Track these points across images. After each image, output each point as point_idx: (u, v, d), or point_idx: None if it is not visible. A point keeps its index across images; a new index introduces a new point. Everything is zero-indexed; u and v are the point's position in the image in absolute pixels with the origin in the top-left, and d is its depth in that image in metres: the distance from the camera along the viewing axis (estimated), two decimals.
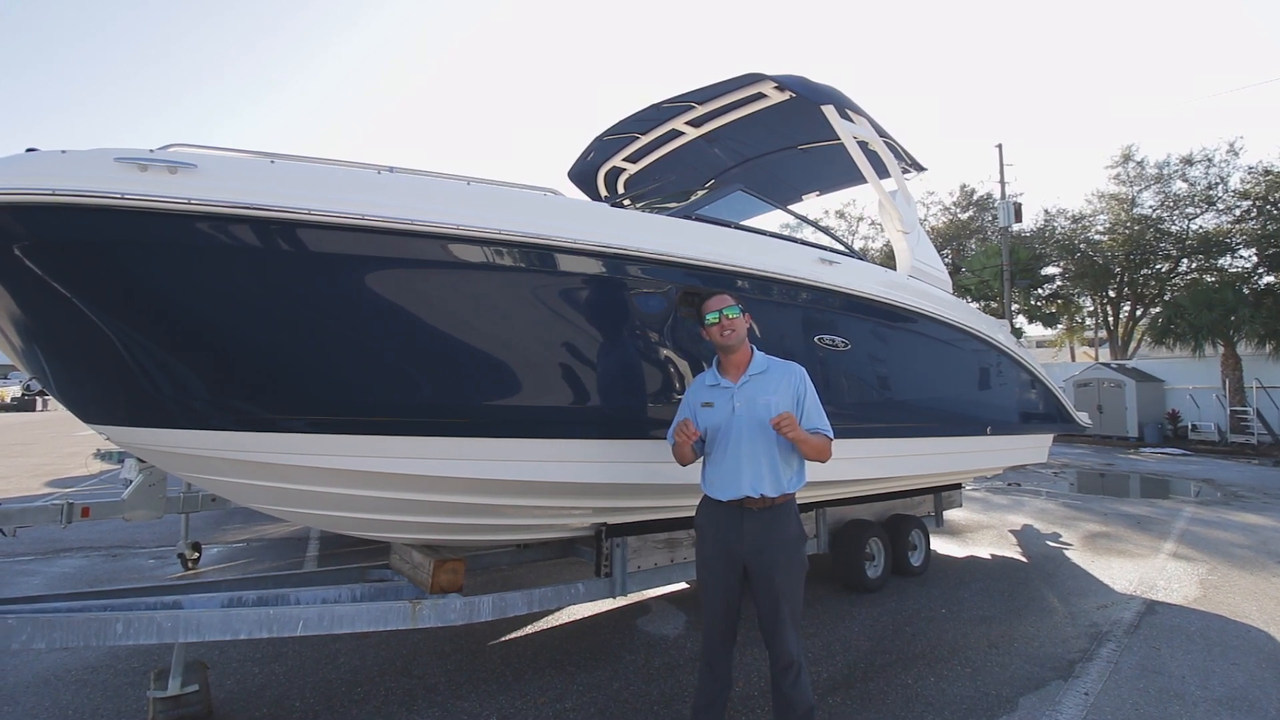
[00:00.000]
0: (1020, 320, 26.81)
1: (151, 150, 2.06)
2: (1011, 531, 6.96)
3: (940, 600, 4.66)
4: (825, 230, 4.62)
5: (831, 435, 2.52)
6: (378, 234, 2.33)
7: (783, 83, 3.98)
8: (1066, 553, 6.03)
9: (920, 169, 5.19)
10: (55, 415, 24.37)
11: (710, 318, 2.56)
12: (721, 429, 2.50)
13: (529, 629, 4.07)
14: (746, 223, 4.08)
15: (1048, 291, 26.62)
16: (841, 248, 4.22)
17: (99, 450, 6.49)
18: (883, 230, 30.74)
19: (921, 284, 4.58)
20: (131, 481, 4.90)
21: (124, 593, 2.96)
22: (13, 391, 30.55)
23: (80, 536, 6.07)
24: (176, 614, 2.60)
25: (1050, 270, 26.26)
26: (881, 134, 4.51)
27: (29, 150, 2.01)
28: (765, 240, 3.54)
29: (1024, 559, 5.85)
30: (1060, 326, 29.20)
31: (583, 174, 5.52)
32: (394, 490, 2.87)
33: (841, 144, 4.35)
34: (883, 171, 4.63)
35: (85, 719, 2.91)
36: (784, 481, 2.44)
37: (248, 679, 3.33)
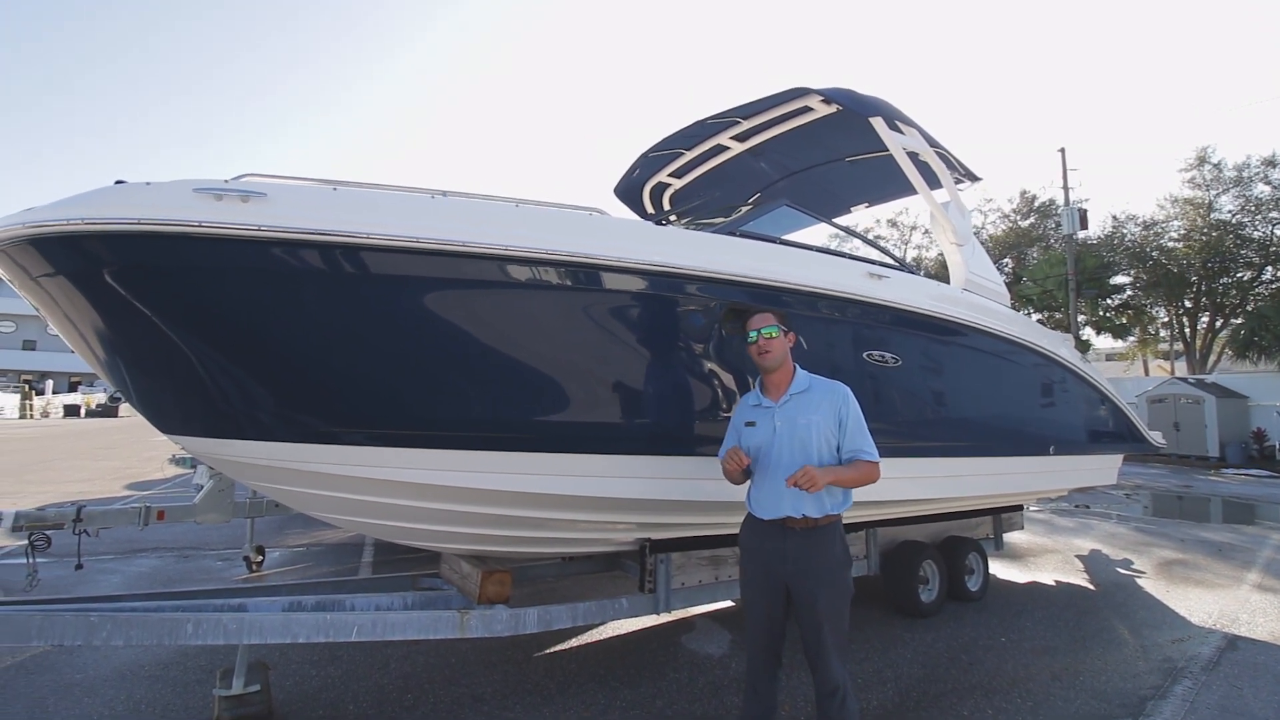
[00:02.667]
0: (1088, 332, 25.57)
1: (226, 181, 2.21)
2: (1078, 557, 6.61)
3: (999, 628, 4.46)
4: (874, 244, 4.54)
5: (875, 457, 2.45)
6: (433, 256, 2.42)
7: (829, 96, 3.94)
8: (1138, 581, 5.68)
9: (975, 179, 5.05)
10: (135, 421, 25.98)
11: (750, 336, 2.59)
12: (763, 448, 2.49)
13: (574, 642, 4.09)
14: (794, 237, 4.06)
15: (1117, 302, 25.34)
16: (892, 261, 4.13)
17: (174, 455, 6.89)
18: (937, 240, 29.89)
19: (976, 297, 4.44)
20: (203, 487, 5.19)
21: (194, 594, 3.13)
22: (98, 398, 32.75)
23: (155, 538, 6.44)
24: (241, 616, 2.73)
25: (1120, 279, 25.04)
26: (933, 144, 4.41)
27: (118, 182, 2.18)
28: (811, 255, 3.50)
29: (1091, 586, 5.54)
30: (1132, 339, 27.72)
31: (629, 190, 5.58)
32: (445, 502, 2.95)
33: (891, 155, 4.28)
34: (934, 182, 4.52)
35: (156, 713, 3.08)
36: (826, 503, 2.39)
37: (306, 681, 3.46)
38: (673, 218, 5.52)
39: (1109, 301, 25.10)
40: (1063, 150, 23.35)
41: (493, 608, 3.15)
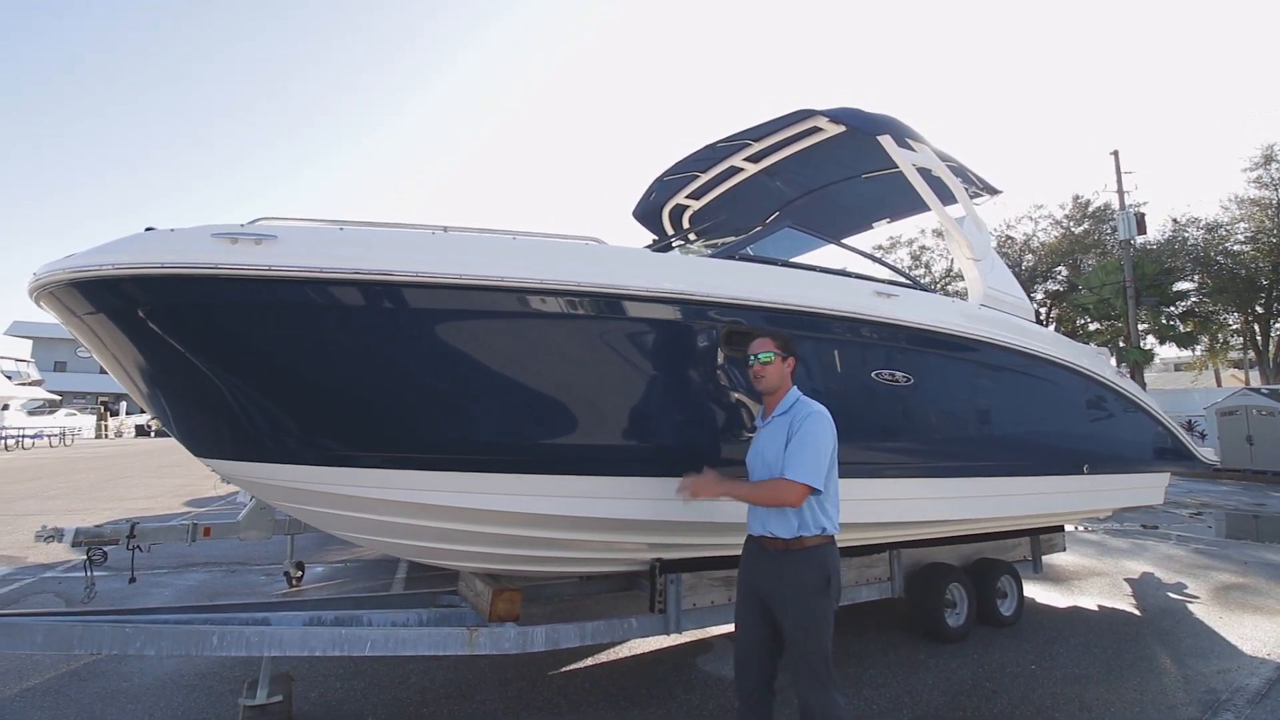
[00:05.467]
0: (1150, 341, 24.35)
1: (242, 225, 2.40)
2: (1127, 580, 6.29)
3: (1031, 654, 4.29)
4: (883, 263, 4.48)
5: (796, 477, 2.33)
6: (432, 289, 2.56)
7: (835, 116, 3.96)
8: (1189, 607, 5.37)
9: (994, 191, 4.95)
10: None
11: (749, 360, 2.63)
12: (748, 465, 2.59)
13: (589, 661, 4.14)
14: (805, 258, 4.08)
15: (1181, 309, 24.07)
16: (902, 279, 4.09)
17: None
18: (999, 242, 29.02)
19: (997, 313, 4.35)
20: (246, 505, 5.47)
21: (224, 608, 3.32)
22: None
23: (206, 553, 6.80)
24: (263, 630, 2.90)
25: (1183, 285, 23.81)
26: (945, 159, 4.37)
27: (147, 229, 2.40)
28: (813, 276, 3.52)
29: (1137, 612, 5.27)
30: (1200, 347, 26.24)
31: (647, 213, 5.69)
32: (457, 522, 3.06)
33: None
34: (949, 197, 4.47)
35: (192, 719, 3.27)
36: (794, 524, 2.39)
37: (329, 692, 3.61)
38: (691, 237, 5.61)
39: (1172, 309, 23.87)
40: (1116, 153, 22.52)
41: (502, 625, 3.24)
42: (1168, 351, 28.03)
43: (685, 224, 5.82)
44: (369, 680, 3.78)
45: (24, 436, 26.26)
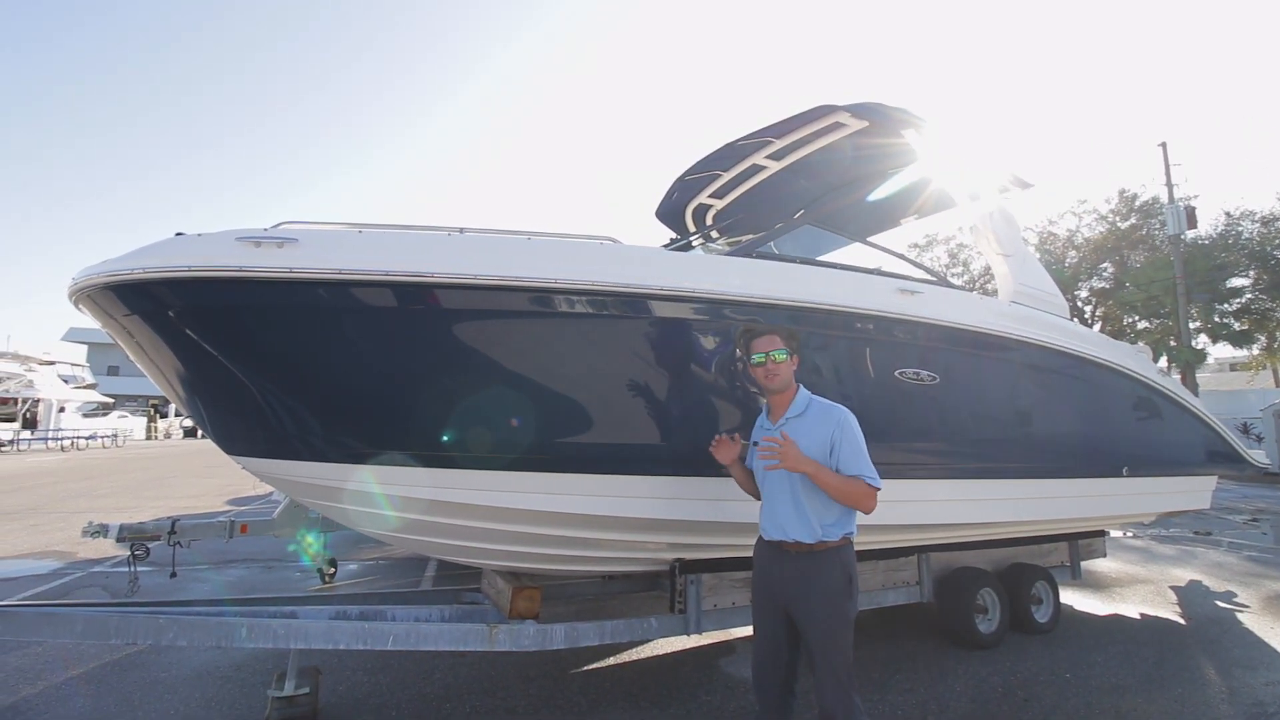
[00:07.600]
0: (1202, 340, 23.32)
1: (265, 229, 2.48)
2: (1172, 588, 6.03)
3: (1066, 663, 4.15)
4: (908, 259, 4.38)
5: (874, 483, 2.32)
6: (448, 289, 2.60)
7: (856, 111, 3.90)
8: (1239, 616, 5.13)
9: (1024, 185, 4.81)
10: None
11: (756, 358, 2.52)
12: (761, 470, 2.51)
13: (611, 660, 4.14)
14: (836, 257, 4.02)
15: (1236, 306, 23.01)
16: (927, 276, 4.00)
17: None
18: (1041, 239, 28.21)
19: (1028, 309, 4.22)
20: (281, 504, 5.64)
21: (254, 602, 3.43)
22: None
23: (245, 549, 7.02)
24: (290, 623, 2.98)
25: (1238, 282, 22.77)
26: (972, 152, 4.26)
27: (177, 234, 2.50)
28: (833, 273, 3.47)
29: (1182, 621, 5.06)
30: (1257, 346, 25.03)
31: (670, 213, 5.67)
32: (478, 520, 3.10)
33: None
34: (976, 193, 4.35)
35: (224, 710, 3.37)
36: (818, 528, 2.34)
37: (356, 686, 3.69)
38: (714, 235, 5.58)
39: (1226, 306, 22.83)
40: (1164, 144, 21.68)
41: (522, 623, 3.27)
42: (1222, 351, 26.88)
43: (709, 223, 5.79)
44: (394, 675, 3.85)
45: (79, 438, 27.51)
